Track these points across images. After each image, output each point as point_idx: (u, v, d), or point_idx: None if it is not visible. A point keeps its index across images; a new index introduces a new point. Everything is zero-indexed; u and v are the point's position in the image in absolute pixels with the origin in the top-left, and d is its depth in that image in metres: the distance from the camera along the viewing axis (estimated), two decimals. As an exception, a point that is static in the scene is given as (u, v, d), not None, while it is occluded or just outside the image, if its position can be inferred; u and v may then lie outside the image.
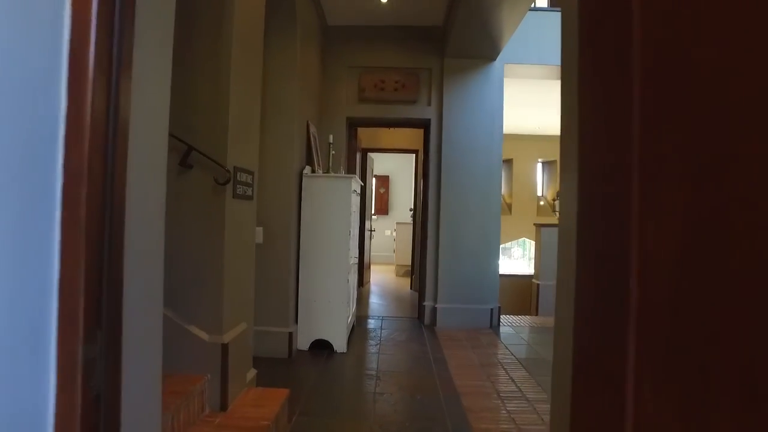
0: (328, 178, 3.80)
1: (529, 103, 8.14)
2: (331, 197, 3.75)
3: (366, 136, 7.07)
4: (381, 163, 10.95)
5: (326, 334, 3.79)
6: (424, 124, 5.11)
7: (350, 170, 5.24)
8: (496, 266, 4.93)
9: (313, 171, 3.96)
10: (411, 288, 7.25)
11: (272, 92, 3.62)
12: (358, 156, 6.70)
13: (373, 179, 10.70)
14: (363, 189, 6.95)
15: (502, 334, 4.53)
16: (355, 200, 4.23)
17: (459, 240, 4.80)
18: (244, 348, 2.47)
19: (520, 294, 7.44)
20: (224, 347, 2.17)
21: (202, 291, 2.18)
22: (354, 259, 4.26)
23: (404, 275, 8.68)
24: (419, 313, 5.10)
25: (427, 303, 4.90)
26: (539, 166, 11.59)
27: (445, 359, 3.66)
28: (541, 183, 11.69)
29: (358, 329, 4.57)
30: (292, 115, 3.62)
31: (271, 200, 3.62)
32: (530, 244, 11.55)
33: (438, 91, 4.91)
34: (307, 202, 3.77)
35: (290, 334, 3.61)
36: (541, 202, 11.43)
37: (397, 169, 11.15)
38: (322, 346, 3.79)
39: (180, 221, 2.19)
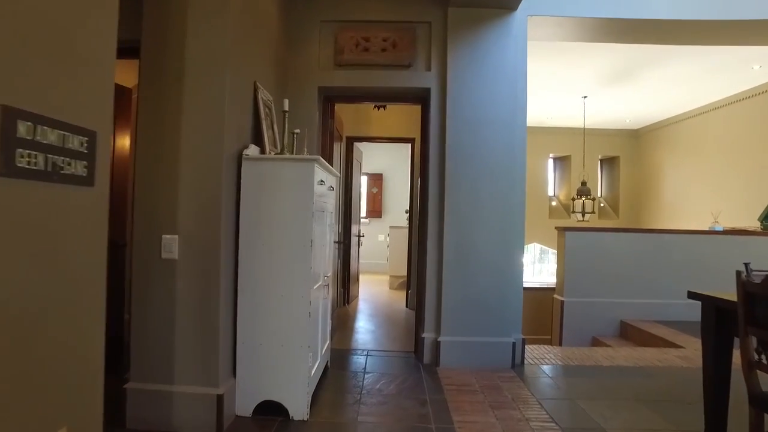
0: (278, 161, 2.57)
1: (543, 83, 6.94)
2: (284, 189, 2.53)
3: (350, 120, 5.85)
4: (373, 160, 9.74)
5: (278, 393, 2.55)
6: (422, 97, 3.89)
7: (326, 159, 4.01)
8: (520, 284, 3.71)
9: (263, 152, 2.74)
10: (407, 305, 6.02)
11: (191, 33, 2.39)
12: (341, 146, 5.48)
13: (362, 177, 9.51)
14: (346, 185, 5.73)
15: (529, 380, 3.30)
16: (326, 195, 3.01)
17: (469, 248, 3.58)
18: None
19: (534, 312, 6.21)
20: None
21: None
22: (324, 279, 3.03)
23: (399, 288, 7.46)
24: (416, 345, 3.87)
25: (427, 335, 3.66)
26: (550, 162, 10.40)
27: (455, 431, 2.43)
28: (553, 181, 10.50)
29: (333, 374, 3.33)
30: (222, 69, 2.39)
31: (189, 195, 2.39)
32: (541, 250, 10.34)
33: (440, 52, 3.69)
34: (249, 196, 2.54)
35: (219, 396, 2.37)
36: (553, 203, 10.22)
37: (391, 165, 9.93)
38: (272, 410, 2.55)
39: None
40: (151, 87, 2.41)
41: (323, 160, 2.64)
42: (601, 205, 10.03)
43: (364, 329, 4.79)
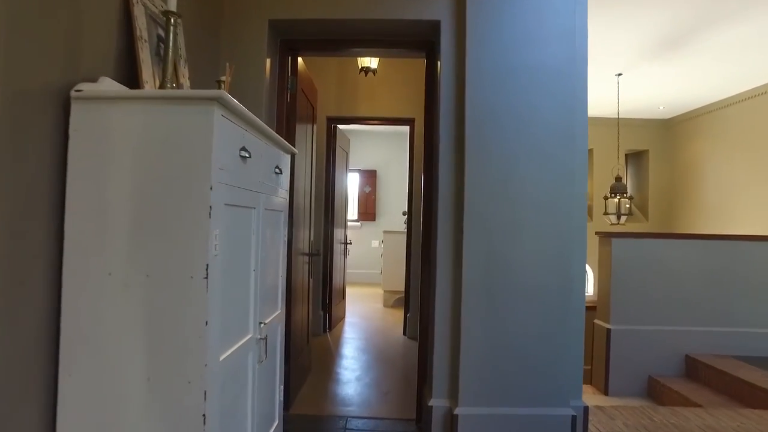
0: (139, 102, 1.24)
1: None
2: (158, 161, 1.23)
3: (332, 97, 4.57)
4: (365, 155, 8.49)
5: None
6: (426, 40, 2.63)
7: (287, 136, 2.73)
8: (580, 321, 2.43)
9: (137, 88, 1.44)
10: (405, 332, 4.73)
11: None
12: (314, 129, 4.22)
13: (353, 174, 8.26)
14: (327, 178, 4.46)
15: (608, 486, 2.01)
16: (263, 180, 1.72)
17: (504, 268, 2.30)
18: None
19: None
20: None
21: None
22: (259, 329, 1.73)
23: (395, 306, 6.17)
24: (420, 412, 2.59)
25: (437, 402, 2.37)
26: (568, 157, 9.12)
27: None
28: (571, 179, 9.21)
29: (284, 474, 2.04)
30: None
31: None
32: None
33: (455, -34, 2.42)
34: (83, 174, 1.24)
35: None
36: (572, 204, 8.94)
37: (385, 160, 8.66)
38: None
39: None
40: None
41: (241, 106, 1.35)
42: (627, 206, 8.76)
43: (348, 374, 3.49)
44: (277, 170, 1.88)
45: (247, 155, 1.45)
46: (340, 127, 5.04)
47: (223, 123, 1.27)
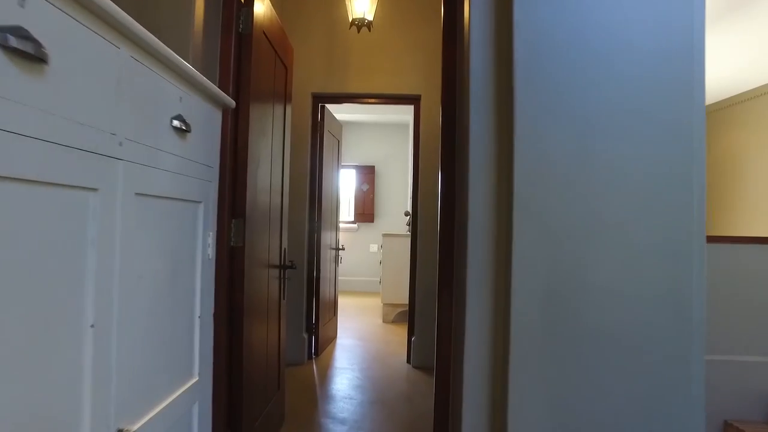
0: None
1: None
2: None
3: (320, 72, 3.68)
4: (362, 149, 7.62)
5: None
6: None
7: (238, 96, 1.83)
8: (701, 386, 1.54)
9: None
10: (409, 360, 3.82)
11: None
12: (289, 108, 3.35)
13: (339, 167, 7.39)
14: (312, 171, 3.59)
15: None
16: (143, 136, 0.83)
17: (578, 298, 1.41)
18: None
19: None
20: None
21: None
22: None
23: (397, 321, 5.28)
24: None
25: None
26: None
27: None
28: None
29: None
30: None
31: None
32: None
33: None
34: None
35: None
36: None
37: (386, 155, 7.76)
38: None
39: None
40: None
41: None
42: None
43: (335, 429, 2.59)
44: (179, 125, 0.99)
45: (41, 58, 0.56)
46: (330, 108, 4.15)
47: None
